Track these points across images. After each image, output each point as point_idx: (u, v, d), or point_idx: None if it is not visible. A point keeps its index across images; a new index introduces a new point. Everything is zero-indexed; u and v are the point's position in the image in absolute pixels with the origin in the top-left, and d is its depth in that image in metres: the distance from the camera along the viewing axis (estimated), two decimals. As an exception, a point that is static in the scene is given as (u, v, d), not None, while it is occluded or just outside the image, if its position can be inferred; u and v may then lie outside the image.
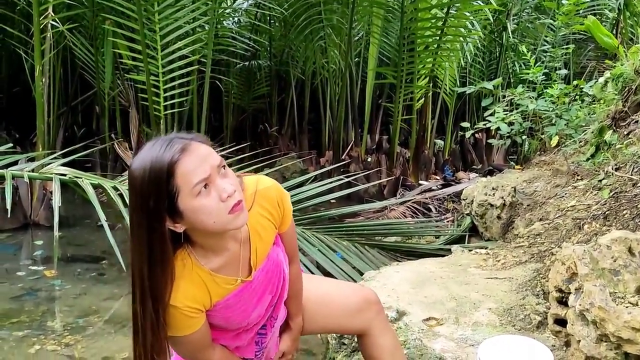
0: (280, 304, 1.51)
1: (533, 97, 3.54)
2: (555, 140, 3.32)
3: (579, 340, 1.58)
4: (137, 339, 1.29)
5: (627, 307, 1.47)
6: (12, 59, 6.64)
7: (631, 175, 2.62)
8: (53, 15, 4.56)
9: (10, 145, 4.24)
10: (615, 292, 1.52)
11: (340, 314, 1.65)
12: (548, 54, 6.43)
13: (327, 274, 3.20)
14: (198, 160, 1.17)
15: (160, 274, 1.22)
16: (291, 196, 3.61)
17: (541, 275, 2.40)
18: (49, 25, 4.56)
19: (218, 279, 1.31)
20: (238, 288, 1.36)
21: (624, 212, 2.43)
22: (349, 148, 6.22)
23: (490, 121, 3.61)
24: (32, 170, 3.69)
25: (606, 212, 2.52)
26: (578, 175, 3.31)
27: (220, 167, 1.21)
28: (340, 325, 1.68)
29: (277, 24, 7.17)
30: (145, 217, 1.18)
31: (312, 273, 3.17)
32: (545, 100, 3.46)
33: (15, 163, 3.83)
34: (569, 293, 1.66)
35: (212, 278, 1.30)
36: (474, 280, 2.51)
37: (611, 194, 2.64)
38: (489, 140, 5.32)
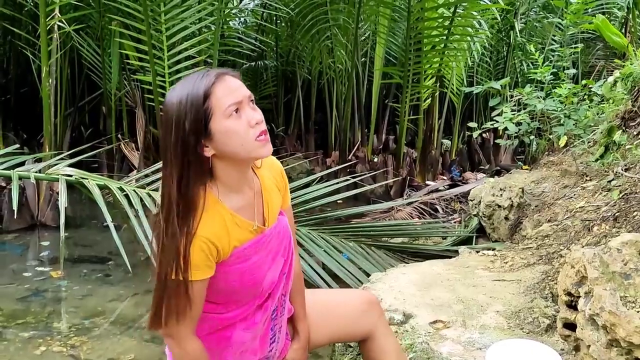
0: (289, 281, 1.51)
1: (541, 96, 3.51)
2: (563, 141, 3.28)
3: (589, 345, 1.56)
4: (158, 257, 1.29)
5: (638, 311, 1.44)
6: (20, 60, 6.68)
7: (641, 176, 2.59)
8: (59, 16, 4.56)
9: (17, 146, 4.26)
10: (626, 297, 1.49)
11: (345, 321, 1.64)
12: (556, 53, 6.39)
13: (333, 275, 3.18)
14: (232, 87, 1.28)
15: (192, 191, 1.26)
16: (298, 197, 3.63)
17: (550, 278, 2.37)
18: (56, 26, 4.57)
19: (237, 219, 1.34)
20: (255, 237, 1.38)
21: (634, 213, 2.40)
22: (355, 148, 6.20)
23: (497, 121, 3.58)
24: (39, 171, 3.70)
25: (616, 214, 2.48)
26: (587, 176, 3.27)
27: (250, 99, 1.31)
28: (347, 331, 1.67)
29: (283, 24, 7.17)
30: (182, 138, 1.24)
31: (318, 274, 3.16)
32: (554, 100, 3.42)
33: (22, 164, 3.84)
34: (579, 297, 1.63)
35: (231, 218, 1.33)
36: (481, 282, 2.49)
37: (621, 195, 2.60)
38: (497, 141, 5.28)
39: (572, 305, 1.71)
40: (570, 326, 1.72)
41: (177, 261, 1.26)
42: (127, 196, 3.34)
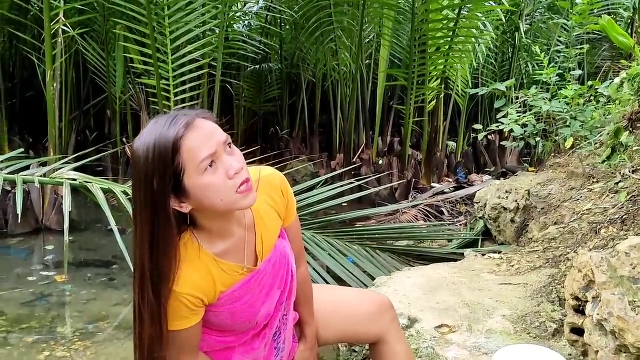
0: (291, 302, 1.47)
1: (547, 98, 3.48)
2: (570, 142, 3.25)
3: (597, 351, 1.53)
4: (135, 329, 1.23)
5: (647, 316, 1.41)
6: (26, 64, 6.71)
7: (649, 178, 2.56)
8: (64, 20, 4.58)
9: (22, 150, 4.26)
10: (635, 301, 1.46)
11: (355, 321, 1.61)
12: (562, 54, 6.35)
13: (337, 278, 3.17)
14: (204, 137, 1.13)
15: (164, 258, 1.17)
16: (302, 200, 3.61)
17: (557, 282, 2.34)
18: (60, 30, 4.58)
19: (223, 265, 1.26)
20: (245, 278, 1.30)
21: (642, 216, 2.37)
22: (360, 151, 6.18)
23: (503, 123, 3.55)
24: (44, 175, 3.70)
25: (624, 216, 2.45)
26: (594, 178, 3.24)
27: (226, 144, 1.17)
28: (357, 332, 1.63)
29: (287, 27, 7.17)
30: (150, 196, 1.13)
31: (323, 278, 3.14)
32: (560, 102, 3.40)
33: (27, 168, 3.84)
34: (586, 301, 1.61)
35: (217, 264, 1.25)
36: (487, 286, 2.46)
37: (628, 197, 2.57)
38: (502, 142, 5.25)
39: (580, 310, 1.68)
40: (578, 331, 1.69)
41: (159, 332, 1.20)
42: (131, 200, 3.33)
